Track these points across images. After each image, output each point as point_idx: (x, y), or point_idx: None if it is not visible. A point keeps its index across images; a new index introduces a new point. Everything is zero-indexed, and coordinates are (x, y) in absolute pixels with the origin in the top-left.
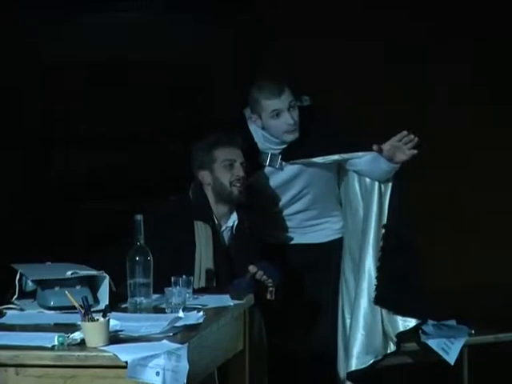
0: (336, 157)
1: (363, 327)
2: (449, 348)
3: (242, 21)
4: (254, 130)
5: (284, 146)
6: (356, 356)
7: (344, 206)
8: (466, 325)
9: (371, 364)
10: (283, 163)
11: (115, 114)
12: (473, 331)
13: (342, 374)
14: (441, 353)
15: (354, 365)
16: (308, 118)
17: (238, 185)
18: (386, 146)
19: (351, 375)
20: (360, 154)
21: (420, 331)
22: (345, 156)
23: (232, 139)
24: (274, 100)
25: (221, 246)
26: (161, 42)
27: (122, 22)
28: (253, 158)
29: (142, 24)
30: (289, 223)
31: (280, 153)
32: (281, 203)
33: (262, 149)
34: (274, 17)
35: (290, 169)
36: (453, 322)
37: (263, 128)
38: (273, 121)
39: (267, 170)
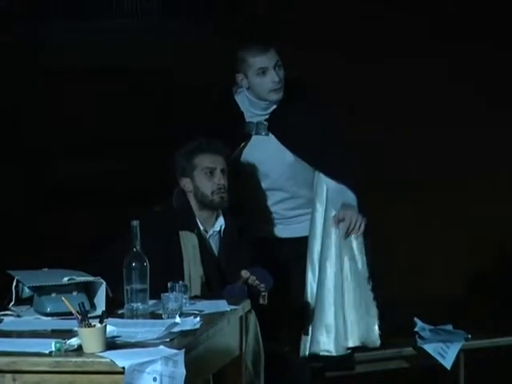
0: (310, 166)
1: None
2: (445, 352)
3: (241, 24)
4: (241, 99)
5: (270, 109)
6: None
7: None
8: (462, 329)
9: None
10: (269, 133)
11: (116, 121)
12: (469, 336)
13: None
14: (437, 357)
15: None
16: (295, 93)
17: (220, 193)
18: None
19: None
20: (330, 180)
21: (417, 336)
22: (318, 172)
23: (213, 145)
24: (260, 57)
25: (209, 252)
26: (158, 48)
27: (120, 29)
28: (240, 129)
29: (141, 30)
30: (275, 215)
31: (266, 120)
32: (267, 183)
33: (248, 117)
34: (274, 20)
35: (275, 144)
36: (449, 327)
37: (248, 88)
38: (258, 79)
39: (253, 142)
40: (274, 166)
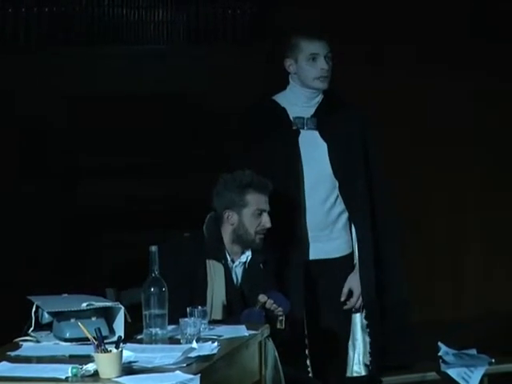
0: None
1: None
2: (469, 377)
3: (264, 48)
4: (282, 96)
5: (314, 101)
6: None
7: None
8: (486, 354)
9: None
10: (316, 129)
11: (138, 145)
12: (493, 360)
13: None
14: (461, 382)
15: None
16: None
17: (261, 234)
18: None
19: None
20: None
21: (440, 360)
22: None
23: (264, 184)
24: (314, 43)
25: (233, 281)
26: (182, 73)
27: (143, 54)
28: (287, 126)
29: (164, 55)
30: (310, 221)
31: (312, 116)
32: (311, 177)
33: (292, 113)
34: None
35: (321, 141)
36: (473, 351)
37: (295, 73)
38: (308, 65)
39: (302, 137)
40: (318, 160)
